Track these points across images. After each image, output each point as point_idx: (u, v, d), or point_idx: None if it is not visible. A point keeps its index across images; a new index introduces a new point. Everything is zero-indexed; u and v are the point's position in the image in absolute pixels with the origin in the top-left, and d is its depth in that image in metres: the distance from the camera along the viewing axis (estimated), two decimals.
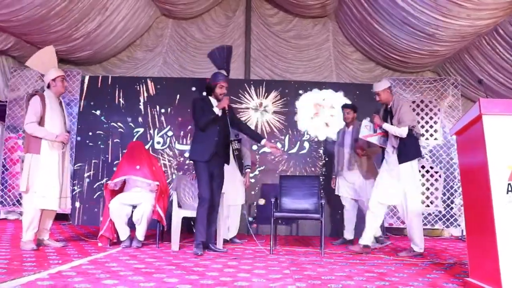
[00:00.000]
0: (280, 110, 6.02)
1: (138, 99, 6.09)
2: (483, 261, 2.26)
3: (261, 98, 6.06)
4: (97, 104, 6.08)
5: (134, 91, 6.10)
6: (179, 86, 6.13)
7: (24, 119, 3.61)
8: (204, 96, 3.98)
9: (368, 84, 5.60)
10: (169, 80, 6.32)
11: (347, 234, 4.76)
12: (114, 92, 6.11)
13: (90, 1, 5.16)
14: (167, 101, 6.07)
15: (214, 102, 3.81)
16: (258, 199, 5.75)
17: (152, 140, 6.00)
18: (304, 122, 6.00)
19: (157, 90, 6.11)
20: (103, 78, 6.22)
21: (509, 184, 2.13)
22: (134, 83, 6.15)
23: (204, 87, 4.06)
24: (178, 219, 3.95)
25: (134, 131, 6.03)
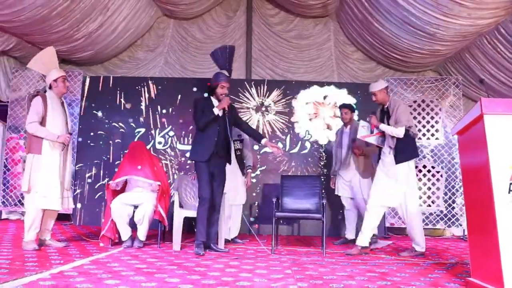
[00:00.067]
0: (281, 110, 6.02)
1: (140, 99, 6.10)
2: (485, 261, 2.26)
3: (262, 98, 6.06)
4: (98, 104, 6.09)
5: (135, 91, 6.11)
6: (180, 86, 6.13)
7: (26, 119, 3.62)
8: (206, 97, 3.99)
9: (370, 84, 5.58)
10: (170, 80, 6.33)
11: (349, 234, 4.76)
12: (115, 93, 6.12)
13: (92, 1, 5.17)
14: (169, 101, 6.08)
15: (216, 103, 3.81)
16: (260, 200, 5.75)
17: (154, 140, 6.01)
18: (302, 125, 5.98)
19: (159, 90, 6.12)
20: (105, 79, 6.23)
21: (511, 184, 2.12)
22: (135, 83, 6.16)
23: (205, 87, 4.06)
24: (180, 219, 3.96)
25: (136, 131, 6.03)
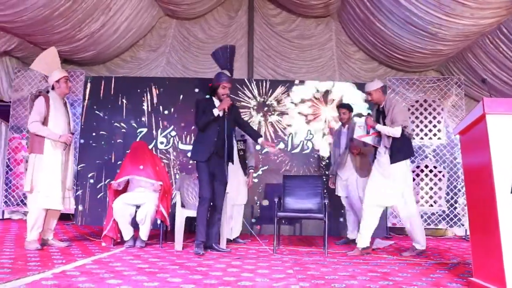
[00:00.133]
0: (283, 110, 6.02)
1: (141, 99, 6.11)
2: (487, 261, 2.25)
3: (264, 98, 6.06)
4: (100, 105, 6.10)
5: (137, 92, 6.12)
6: (182, 86, 6.14)
7: (28, 119, 3.63)
8: (207, 98, 3.99)
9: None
10: (172, 80, 6.33)
11: (350, 234, 4.75)
12: (117, 93, 6.13)
13: (94, 2, 5.18)
14: (170, 101, 6.08)
15: (217, 103, 3.81)
16: (262, 200, 5.75)
17: (156, 140, 6.02)
18: (298, 129, 5.95)
19: (160, 90, 6.13)
20: (107, 79, 6.24)
21: None
22: (137, 83, 6.17)
23: (207, 88, 4.06)
24: (182, 219, 3.97)
25: (138, 131, 6.04)
